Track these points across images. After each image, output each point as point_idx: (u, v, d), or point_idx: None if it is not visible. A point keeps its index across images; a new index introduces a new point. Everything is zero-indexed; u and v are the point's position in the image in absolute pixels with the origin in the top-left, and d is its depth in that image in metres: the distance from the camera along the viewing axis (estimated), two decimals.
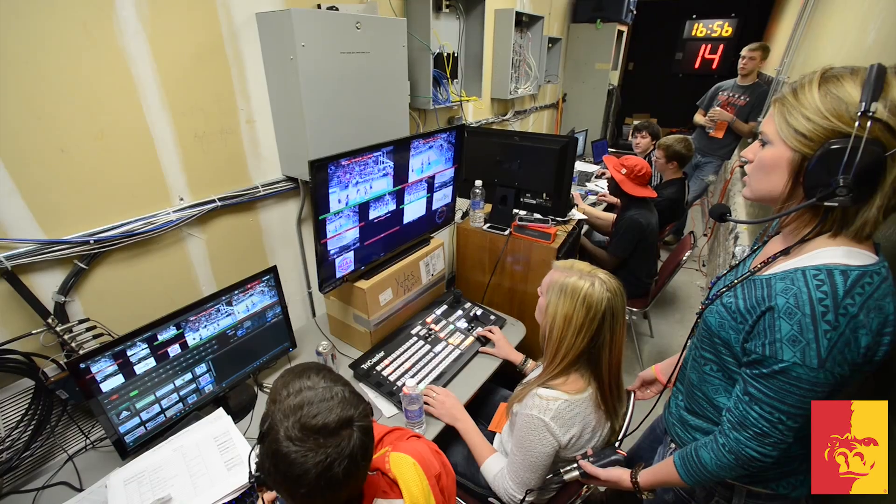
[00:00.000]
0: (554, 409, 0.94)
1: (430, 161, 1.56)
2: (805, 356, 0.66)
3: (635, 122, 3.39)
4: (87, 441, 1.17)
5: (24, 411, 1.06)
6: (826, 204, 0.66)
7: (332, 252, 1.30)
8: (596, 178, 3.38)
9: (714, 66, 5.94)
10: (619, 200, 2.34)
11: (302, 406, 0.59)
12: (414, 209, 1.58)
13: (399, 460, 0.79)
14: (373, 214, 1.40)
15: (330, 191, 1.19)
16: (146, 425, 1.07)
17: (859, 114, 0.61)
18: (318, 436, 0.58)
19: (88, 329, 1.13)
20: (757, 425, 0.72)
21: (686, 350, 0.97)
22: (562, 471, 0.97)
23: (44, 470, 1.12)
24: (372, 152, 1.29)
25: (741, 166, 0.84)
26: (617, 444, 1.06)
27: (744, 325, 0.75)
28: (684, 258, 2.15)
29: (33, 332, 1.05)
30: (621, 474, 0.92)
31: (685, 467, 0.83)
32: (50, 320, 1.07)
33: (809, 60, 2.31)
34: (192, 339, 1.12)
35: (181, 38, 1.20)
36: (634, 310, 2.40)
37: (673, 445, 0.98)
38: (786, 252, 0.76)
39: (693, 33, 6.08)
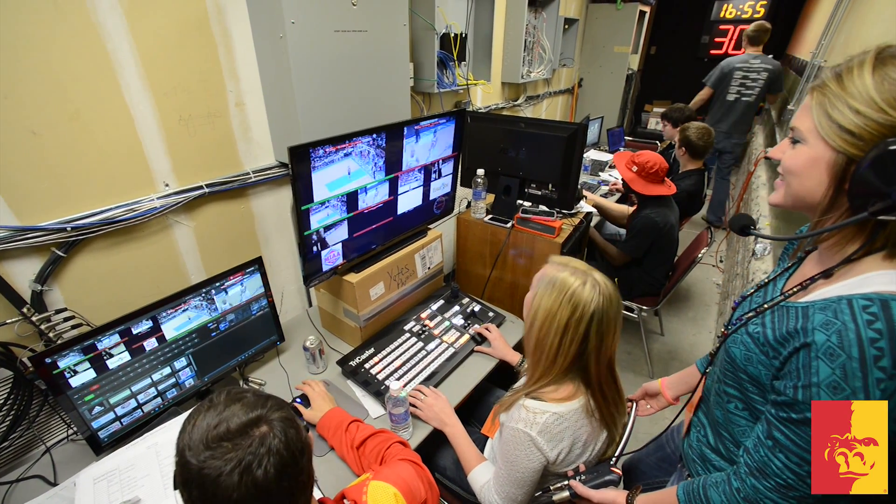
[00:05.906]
0: (541, 423, 0.87)
1: (426, 148, 1.47)
2: None
3: (661, 110, 3.21)
4: (69, 432, 1.15)
5: (2, 402, 1.04)
6: (880, 218, 0.54)
7: (317, 245, 1.24)
8: (610, 167, 3.24)
9: (743, 51, 5.63)
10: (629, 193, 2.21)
11: (203, 427, 0.55)
12: (409, 199, 1.50)
13: (378, 491, 0.72)
14: (363, 204, 1.32)
15: (314, 179, 1.12)
16: (121, 420, 1.03)
17: None
18: (224, 442, 0.53)
19: (66, 319, 1.10)
20: (780, 476, 0.62)
21: (706, 378, 0.87)
22: (552, 488, 0.91)
23: (26, 460, 1.10)
24: (360, 138, 1.20)
25: (768, 157, 0.72)
26: (613, 459, 0.98)
27: (776, 358, 0.64)
28: (699, 255, 2.03)
29: (7, 321, 1.02)
30: (616, 497, 0.85)
31: None
32: (25, 310, 1.04)
33: (851, 41, 2.10)
34: (169, 332, 1.07)
35: (162, 13, 1.14)
36: (645, 308, 2.30)
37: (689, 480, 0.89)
38: (828, 274, 0.64)
39: (721, 14, 5.77)
